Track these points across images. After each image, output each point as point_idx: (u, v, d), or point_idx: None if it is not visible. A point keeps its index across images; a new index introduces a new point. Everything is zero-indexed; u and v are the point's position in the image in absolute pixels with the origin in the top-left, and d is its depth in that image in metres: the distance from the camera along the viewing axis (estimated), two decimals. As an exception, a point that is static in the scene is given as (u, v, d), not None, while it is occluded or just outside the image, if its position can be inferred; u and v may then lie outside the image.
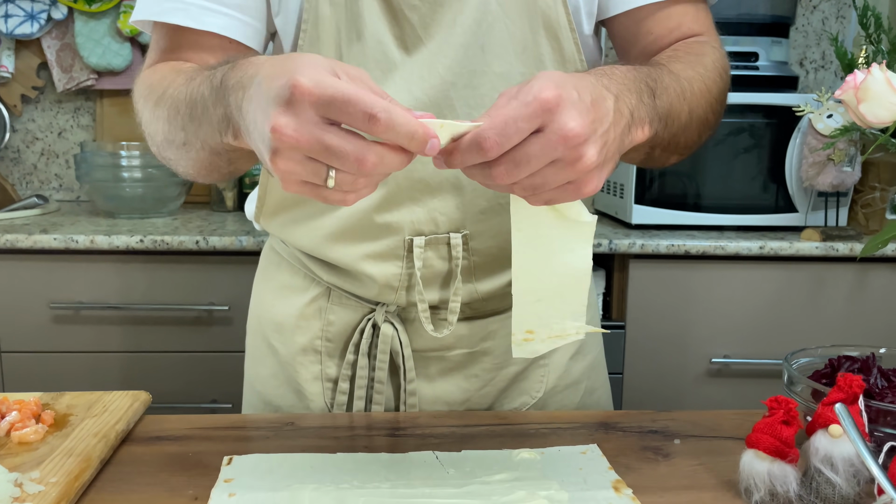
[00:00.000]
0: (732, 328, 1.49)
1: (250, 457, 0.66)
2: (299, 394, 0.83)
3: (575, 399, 0.86)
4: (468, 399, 0.83)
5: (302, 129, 0.46)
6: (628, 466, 0.66)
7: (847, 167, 1.44)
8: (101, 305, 1.47)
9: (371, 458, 0.67)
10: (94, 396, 0.75)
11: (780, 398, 0.59)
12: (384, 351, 0.80)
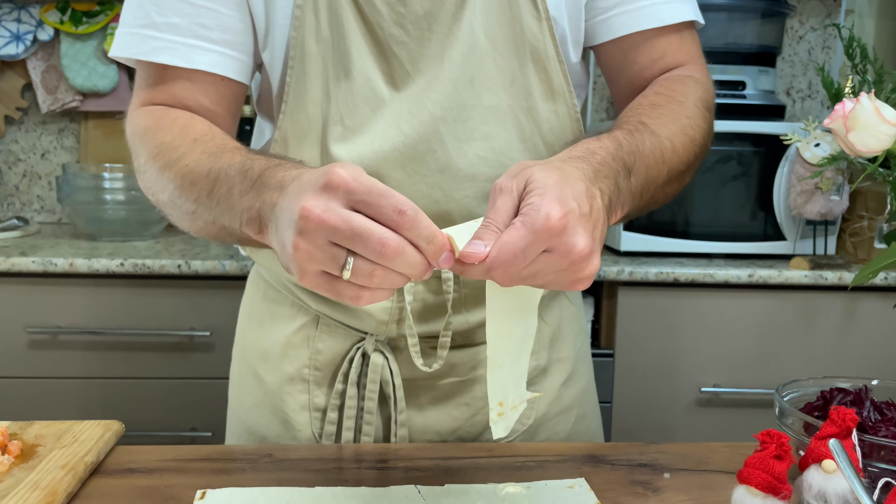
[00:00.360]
0: (722, 357, 1.48)
1: (224, 491, 0.64)
2: (286, 423, 0.81)
3: (567, 426, 0.84)
4: (459, 427, 0.81)
5: (330, 211, 0.48)
6: (616, 501, 0.64)
7: (835, 196, 1.44)
8: (80, 330, 1.43)
9: (351, 492, 0.65)
10: (65, 426, 0.72)
11: (773, 432, 0.58)
12: (374, 380, 0.78)
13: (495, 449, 0.76)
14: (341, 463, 0.71)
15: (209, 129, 0.69)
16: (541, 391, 0.82)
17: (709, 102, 0.75)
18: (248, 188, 0.58)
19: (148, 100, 0.73)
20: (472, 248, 0.50)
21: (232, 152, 0.63)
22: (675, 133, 0.68)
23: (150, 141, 0.69)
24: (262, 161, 0.59)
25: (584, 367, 0.88)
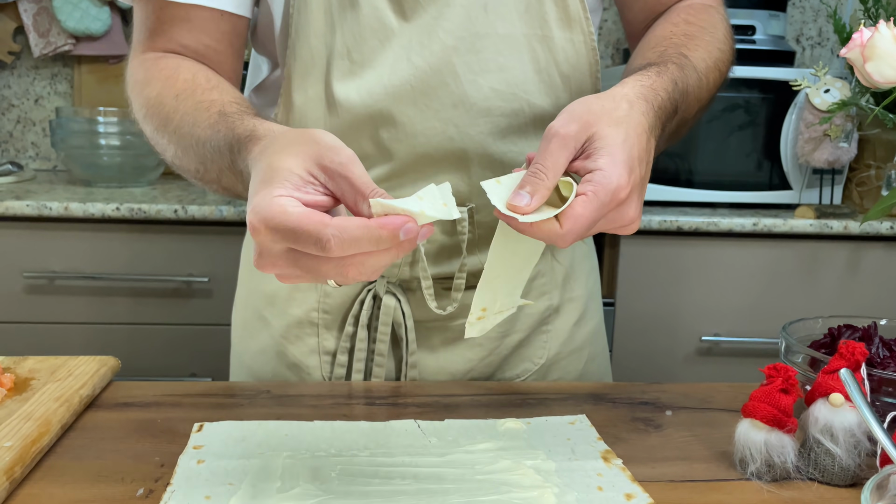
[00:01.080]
0: (724, 306, 1.47)
1: (222, 424, 0.63)
2: (294, 368, 0.79)
3: (578, 366, 0.83)
4: (472, 369, 0.79)
5: (278, 263, 0.47)
6: (618, 437, 0.63)
7: (843, 143, 1.42)
8: (77, 275, 1.42)
9: (349, 426, 0.64)
10: (59, 361, 0.71)
11: (779, 366, 0.56)
12: (386, 323, 0.76)
13: (496, 387, 0.75)
14: (339, 399, 0.70)
15: (191, 80, 0.65)
16: (551, 330, 0.81)
17: (731, 38, 0.72)
18: (229, 168, 0.57)
19: (148, 47, 0.70)
20: (517, 201, 0.49)
21: (205, 115, 0.60)
22: (710, 69, 0.67)
23: (140, 95, 0.67)
24: (225, 136, 0.57)
25: (594, 307, 0.87)
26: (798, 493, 0.55)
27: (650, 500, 0.53)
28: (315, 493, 0.52)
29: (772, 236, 1.45)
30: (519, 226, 0.50)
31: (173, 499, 0.51)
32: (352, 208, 0.48)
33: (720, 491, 0.55)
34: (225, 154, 0.57)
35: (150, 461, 0.57)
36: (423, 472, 0.56)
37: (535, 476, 0.56)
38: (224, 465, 0.56)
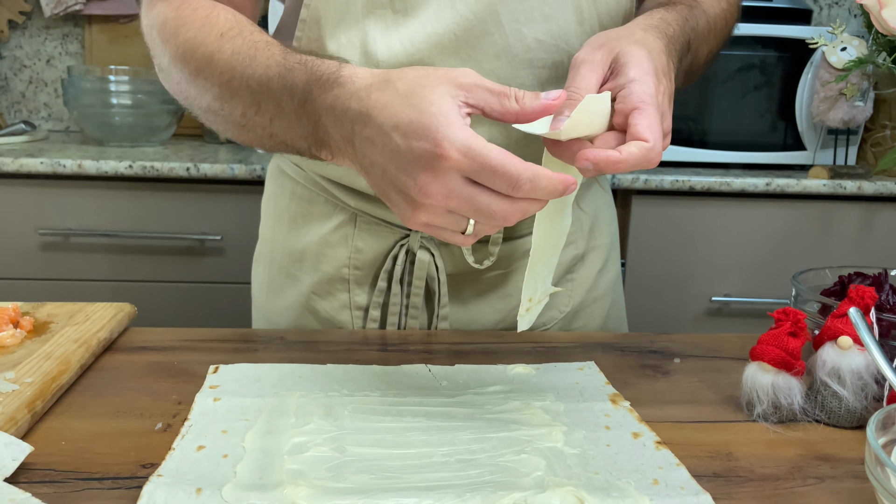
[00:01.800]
0: (734, 267, 1.47)
1: (237, 366, 0.64)
2: (326, 322, 0.79)
3: (602, 313, 0.84)
4: (501, 319, 0.80)
5: (452, 194, 0.47)
6: (626, 382, 0.64)
7: (859, 102, 1.40)
8: (91, 232, 1.44)
9: (362, 369, 0.65)
10: (77, 307, 0.73)
11: (788, 309, 0.57)
12: (420, 277, 0.76)
13: (506, 336, 0.76)
14: (352, 346, 0.72)
15: (234, 21, 0.62)
16: (575, 279, 0.82)
17: None
18: (297, 108, 0.54)
19: None
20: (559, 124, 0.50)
21: (265, 53, 0.57)
22: (718, 17, 0.67)
23: (171, 38, 0.63)
24: (302, 73, 0.54)
25: (615, 256, 0.87)
26: (804, 433, 0.55)
27: (657, 438, 0.53)
28: (328, 429, 0.54)
29: (785, 197, 1.44)
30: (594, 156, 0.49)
31: (191, 432, 0.52)
32: (500, 112, 0.49)
33: (726, 431, 0.56)
34: (297, 93, 0.54)
35: (167, 399, 0.58)
36: (434, 411, 0.57)
37: (544, 415, 0.57)
38: (240, 403, 0.57)
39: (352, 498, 0.45)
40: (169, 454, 0.49)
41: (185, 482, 0.45)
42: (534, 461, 0.50)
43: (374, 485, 0.46)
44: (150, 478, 0.46)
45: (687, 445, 0.53)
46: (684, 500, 0.46)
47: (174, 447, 0.50)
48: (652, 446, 0.52)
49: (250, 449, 0.50)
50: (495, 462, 0.50)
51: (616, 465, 0.50)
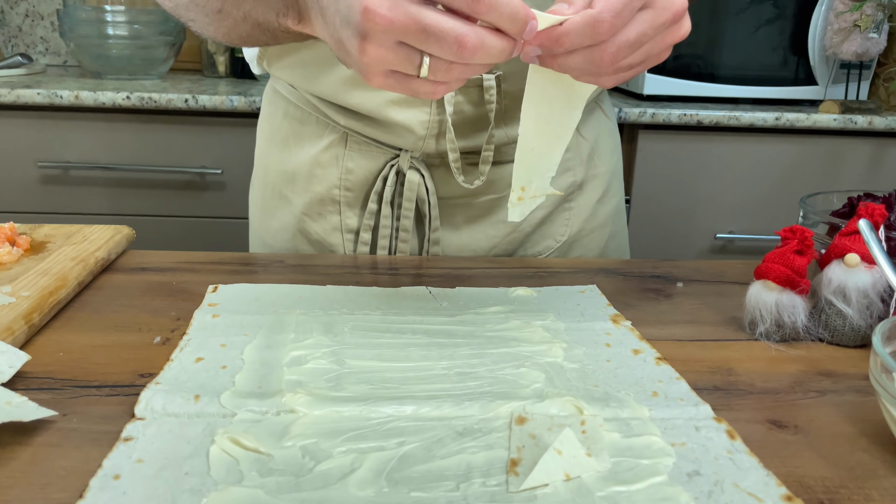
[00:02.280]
0: (741, 203, 1.45)
1: (237, 285, 0.64)
2: (317, 245, 0.79)
3: (600, 243, 0.83)
4: (494, 246, 0.79)
5: (397, 9, 0.42)
6: (628, 304, 0.64)
7: (873, 34, 1.36)
8: (91, 165, 1.42)
9: (362, 290, 0.64)
10: (74, 228, 0.72)
11: (795, 227, 0.56)
12: (410, 199, 0.75)
13: (508, 262, 0.75)
14: (353, 269, 0.71)
15: None
16: (573, 207, 0.81)
17: None
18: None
19: None
20: (557, 8, 0.46)
21: None
22: None
23: None
24: None
25: (617, 185, 0.86)
26: (806, 351, 0.55)
27: (657, 355, 0.53)
28: (328, 344, 0.53)
29: (794, 132, 1.41)
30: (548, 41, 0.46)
31: (189, 345, 0.52)
32: None
33: (728, 349, 0.55)
34: None
35: (166, 315, 0.58)
36: (434, 328, 0.57)
37: (544, 333, 0.57)
38: (239, 320, 0.57)
39: (350, 405, 0.45)
40: (167, 365, 0.49)
41: (183, 390, 0.45)
42: (533, 374, 0.50)
43: (373, 394, 0.46)
44: (147, 385, 0.45)
45: (687, 361, 0.53)
46: (683, 410, 0.45)
47: (172, 359, 0.50)
48: (652, 362, 0.52)
49: (249, 361, 0.50)
50: (494, 375, 0.50)
51: (616, 379, 0.50)
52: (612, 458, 0.40)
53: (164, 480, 0.37)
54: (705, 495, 0.37)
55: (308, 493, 0.36)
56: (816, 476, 0.39)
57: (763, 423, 0.45)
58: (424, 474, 0.38)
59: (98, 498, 0.35)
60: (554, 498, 0.37)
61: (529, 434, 0.42)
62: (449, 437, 0.42)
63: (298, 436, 0.41)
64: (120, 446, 0.39)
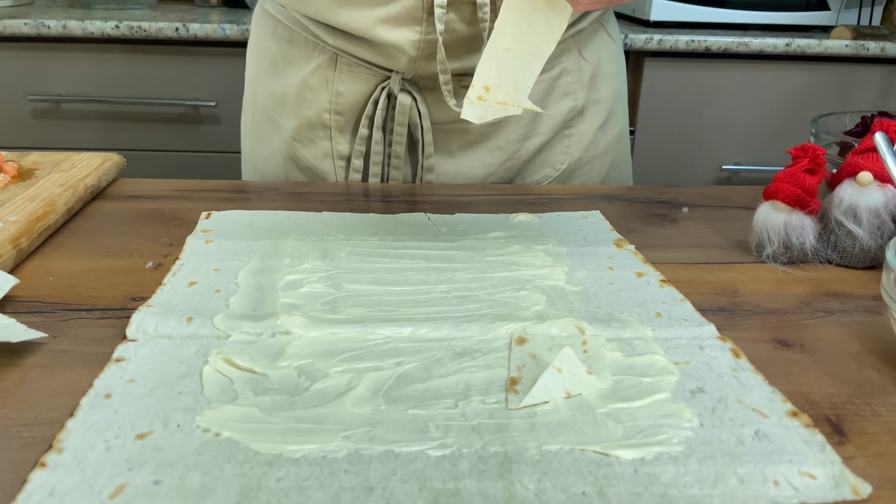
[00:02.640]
0: (748, 134, 1.42)
1: (231, 212, 0.62)
2: (308, 172, 0.77)
3: (601, 172, 0.81)
4: (490, 174, 0.77)
5: None
6: (631, 229, 0.62)
7: (892, -46, 1.30)
8: (82, 98, 1.39)
9: (359, 217, 0.63)
10: (63, 156, 0.70)
11: (807, 146, 0.54)
12: (402, 123, 0.72)
13: (509, 189, 0.73)
14: (347, 197, 0.69)
15: None
16: (574, 134, 0.78)
17: None
18: None
19: None
20: None
21: None
22: None
23: None
24: None
25: (620, 111, 0.83)
26: (814, 273, 0.54)
27: (661, 277, 0.52)
28: (324, 269, 0.52)
29: (805, 58, 1.37)
30: None
31: (182, 270, 0.51)
32: None
33: (733, 271, 0.54)
34: None
35: (158, 241, 0.56)
36: (433, 253, 0.56)
37: (546, 257, 0.55)
38: (233, 245, 0.56)
39: (347, 327, 0.44)
40: (159, 289, 0.48)
41: (175, 312, 0.44)
42: (534, 297, 0.49)
43: (369, 316, 0.45)
44: (139, 308, 0.44)
45: (692, 284, 0.51)
46: (687, 330, 0.44)
47: (165, 283, 0.49)
48: (656, 284, 0.51)
49: (243, 285, 0.49)
50: (494, 298, 0.49)
51: (618, 301, 0.48)
52: (614, 377, 0.39)
53: (156, 399, 0.36)
54: (709, 412, 0.36)
55: (304, 411, 0.36)
56: (823, 393, 0.38)
57: (769, 342, 0.44)
58: (422, 393, 0.38)
59: (89, 416, 0.35)
60: (554, 415, 0.36)
61: (529, 354, 0.41)
62: (447, 358, 0.41)
63: (294, 356, 0.40)
64: (111, 367, 0.39)
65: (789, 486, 0.32)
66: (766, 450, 0.34)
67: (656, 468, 0.32)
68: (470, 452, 0.33)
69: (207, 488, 0.30)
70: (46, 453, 0.32)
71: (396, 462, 0.32)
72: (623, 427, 0.35)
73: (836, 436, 0.35)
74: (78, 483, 0.30)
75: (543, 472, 0.32)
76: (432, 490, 0.31)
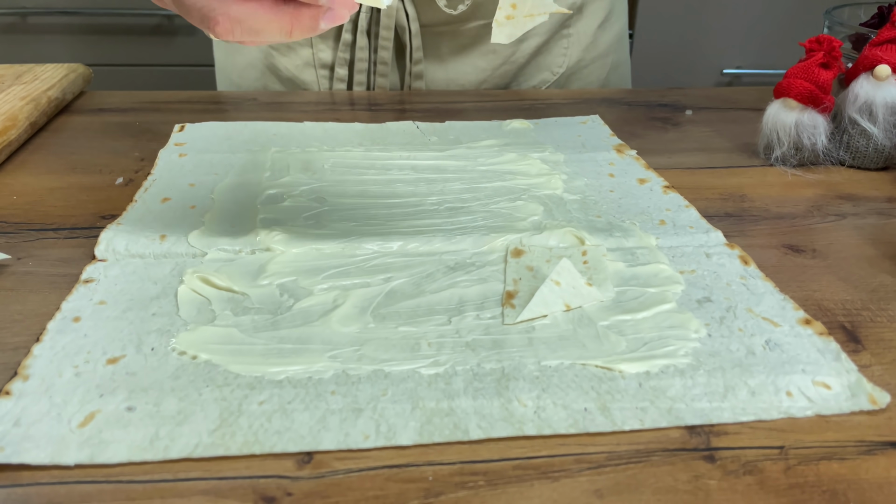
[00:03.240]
0: (750, 35, 1.36)
1: (206, 124, 0.59)
2: (288, 83, 0.72)
3: (601, 75, 0.76)
4: (484, 80, 0.72)
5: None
6: (633, 133, 0.59)
7: None
8: (48, 10, 1.31)
9: (342, 126, 0.59)
10: (25, 67, 0.65)
11: (822, 37, 0.50)
12: (388, 26, 0.67)
13: (503, 94, 0.69)
14: (331, 105, 0.65)
15: None
16: (572, 34, 0.73)
17: None
18: None
19: None
20: None
21: None
22: None
23: None
24: None
25: (620, 7, 0.78)
26: (825, 175, 0.51)
27: (664, 183, 0.49)
28: (307, 182, 0.49)
29: (812, -47, 1.29)
30: None
31: (154, 186, 0.48)
32: None
33: (741, 175, 0.51)
34: None
35: (129, 156, 0.53)
36: (422, 164, 0.52)
37: (542, 165, 0.52)
38: (209, 159, 0.52)
39: (332, 242, 0.41)
40: (130, 206, 0.45)
41: (148, 230, 0.41)
42: (530, 207, 0.46)
43: (356, 230, 0.43)
44: (108, 226, 0.42)
45: (697, 189, 0.49)
46: (693, 237, 0.42)
47: (136, 199, 0.46)
48: (659, 191, 0.48)
49: (220, 200, 0.46)
50: (488, 209, 0.46)
51: (620, 209, 0.46)
52: (617, 288, 0.37)
53: (128, 322, 0.34)
54: (717, 321, 0.34)
55: (287, 330, 0.34)
56: (836, 299, 0.36)
57: (778, 248, 0.41)
58: (413, 309, 0.35)
59: (56, 341, 0.32)
60: (553, 329, 0.34)
61: (526, 266, 0.39)
62: (439, 272, 0.39)
63: (275, 274, 0.38)
64: (80, 288, 0.36)
65: (803, 396, 0.30)
66: (777, 360, 0.32)
67: (662, 381, 0.30)
68: (465, 370, 0.31)
69: (185, 413, 0.28)
70: (11, 381, 0.30)
71: (386, 382, 0.30)
72: (627, 340, 0.33)
73: (851, 343, 0.33)
74: (45, 411, 0.28)
75: (543, 388, 0.30)
76: (425, 410, 0.29)
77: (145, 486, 0.25)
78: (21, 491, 0.25)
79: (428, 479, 0.26)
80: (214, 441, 0.27)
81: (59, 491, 0.25)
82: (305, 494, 0.25)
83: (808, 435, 0.28)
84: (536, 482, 0.26)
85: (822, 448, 0.27)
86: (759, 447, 0.27)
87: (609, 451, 0.27)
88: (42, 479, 0.26)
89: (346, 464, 0.26)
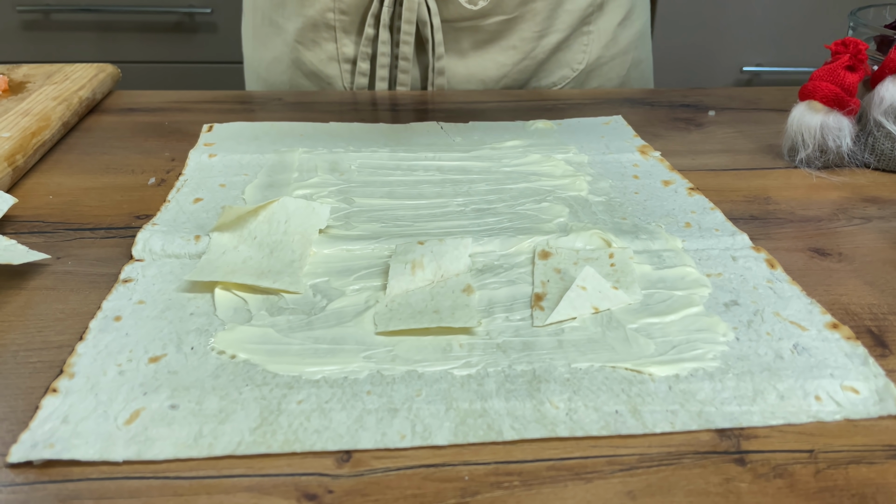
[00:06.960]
0: (770, 32, 1.35)
1: (234, 124, 0.60)
2: (313, 77, 0.73)
3: (620, 72, 0.77)
4: (505, 75, 0.73)
5: None
6: (656, 134, 0.59)
7: None
8: (72, 7, 1.33)
9: (368, 127, 0.60)
10: (55, 67, 0.67)
11: (848, 40, 0.50)
12: (409, 21, 0.68)
13: (525, 94, 0.70)
14: (357, 106, 0.66)
15: None
16: (592, 31, 0.74)
17: None
18: None
19: None
20: None
21: None
22: None
23: None
24: None
25: (642, 5, 0.78)
26: (850, 177, 0.51)
27: (689, 185, 0.49)
28: (334, 182, 0.50)
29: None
30: None
31: (186, 186, 0.49)
32: None
33: (765, 178, 0.51)
34: None
35: (160, 156, 0.54)
36: (448, 165, 0.53)
37: (567, 167, 0.53)
38: (238, 159, 0.53)
39: (361, 243, 0.42)
40: (164, 206, 0.46)
41: (182, 230, 0.42)
42: (556, 209, 0.46)
43: (384, 232, 0.43)
44: (144, 226, 0.42)
45: (722, 191, 0.49)
46: (719, 240, 0.42)
47: (169, 199, 0.47)
48: (684, 192, 0.49)
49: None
50: (514, 210, 0.46)
51: (645, 211, 0.46)
52: (644, 291, 0.38)
53: (167, 321, 0.35)
54: (745, 325, 0.35)
55: (322, 331, 0.34)
56: (863, 303, 0.37)
57: (804, 251, 0.42)
58: (444, 310, 0.36)
59: (99, 339, 0.33)
60: (582, 332, 0.35)
61: (554, 268, 0.40)
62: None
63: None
64: (119, 288, 0.37)
65: (832, 401, 0.30)
66: (805, 364, 0.32)
67: (692, 385, 0.31)
68: (496, 371, 0.32)
69: (226, 412, 0.29)
70: (57, 378, 0.31)
71: (420, 382, 0.31)
72: (655, 343, 0.34)
73: (879, 348, 0.34)
74: (92, 409, 0.29)
75: (574, 390, 0.31)
76: (459, 410, 0.29)
77: (191, 483, 0.26)
78: (72, 486, 0.26)
79: (464, 478, 0.26)
80: (256, 439, 0.28)
81: (108, 486, 0.26)
82: (346, 492, 0.26)
83: (837, 439, 0.28)
84: (570, 483, 0.26)
85: (851, 452, 0.28)
86: (789, 451, 0.28)
87: (640, 454, 0.28)
88: (92, 475, 0.26)
89: (383, 462, 0.27)
